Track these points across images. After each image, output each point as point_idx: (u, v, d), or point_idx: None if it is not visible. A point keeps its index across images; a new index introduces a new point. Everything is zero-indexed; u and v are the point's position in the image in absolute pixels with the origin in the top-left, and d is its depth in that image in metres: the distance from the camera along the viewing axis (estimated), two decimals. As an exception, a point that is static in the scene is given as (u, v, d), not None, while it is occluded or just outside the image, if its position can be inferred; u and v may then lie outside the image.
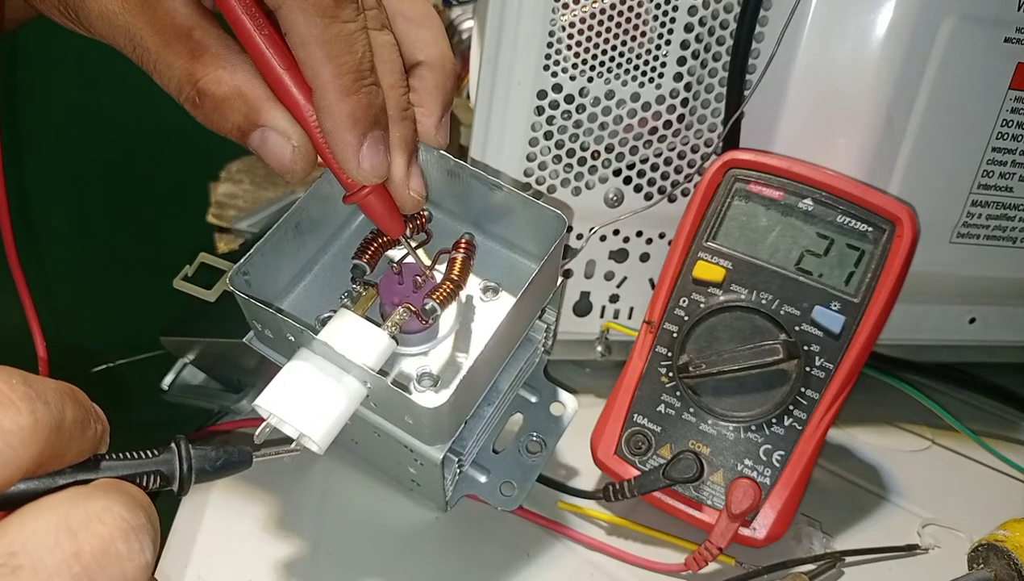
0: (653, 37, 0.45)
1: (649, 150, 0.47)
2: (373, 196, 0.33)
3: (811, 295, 0.40)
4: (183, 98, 0.31)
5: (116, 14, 0.31)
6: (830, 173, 0.42)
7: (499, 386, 0.38)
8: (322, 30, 0.29)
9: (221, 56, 0.31)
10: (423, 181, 0.35)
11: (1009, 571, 0.38)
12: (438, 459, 0.34)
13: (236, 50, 0.31)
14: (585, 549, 0.40)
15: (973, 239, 0.49)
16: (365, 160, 0.32)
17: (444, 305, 0.36)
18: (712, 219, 0.42)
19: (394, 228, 0.35)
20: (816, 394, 0.40)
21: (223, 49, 0.31)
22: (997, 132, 0.47)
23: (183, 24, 0.31)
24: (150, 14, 0.31)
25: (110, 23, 0.31)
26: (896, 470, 0.49)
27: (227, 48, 0.31)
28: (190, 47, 0.31)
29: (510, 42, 0.43)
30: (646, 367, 0.42)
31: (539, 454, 0.40)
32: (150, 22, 0.31)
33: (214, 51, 0.31)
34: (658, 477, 0.39)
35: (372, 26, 0.32)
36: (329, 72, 0.30)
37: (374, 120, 0.32)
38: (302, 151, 0.32)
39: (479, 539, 0.40)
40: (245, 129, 0.31)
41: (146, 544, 0.19)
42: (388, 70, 0.32)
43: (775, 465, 0.40)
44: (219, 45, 0.31)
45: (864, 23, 0.45)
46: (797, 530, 0.42)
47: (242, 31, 0.30)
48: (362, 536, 0.40)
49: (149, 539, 0.19)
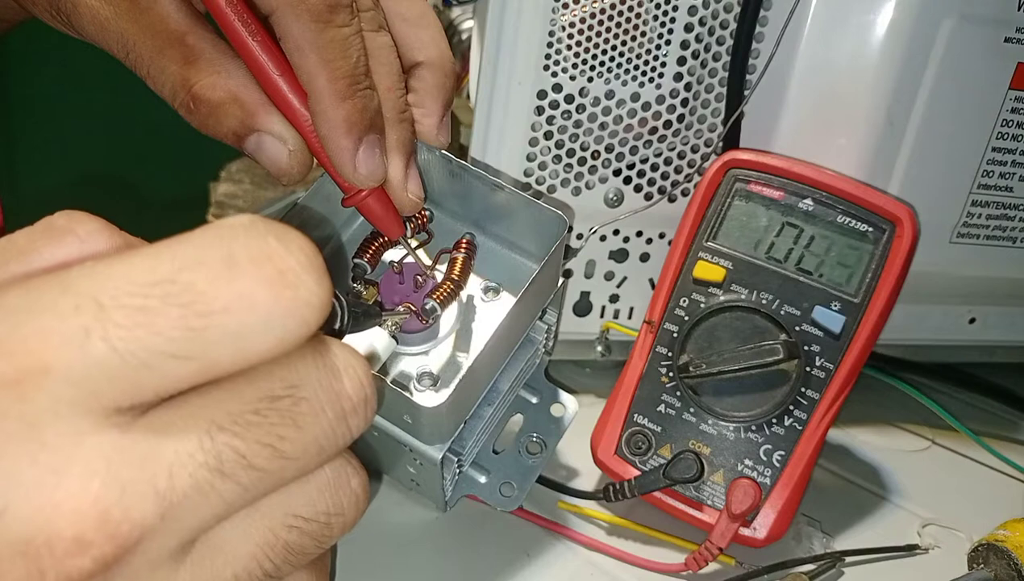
0: (653, 37, 0.45)
1: (649, 150, 0.47)
2: (371, 199, 0.33)
3: (811, 295, 0.40)
4: (177, 104, 0.32)
5: (108, 19, 0.31)
6: (830, 173, 0.42)
7: (499, 386, 0.38)
8: (316, 35, 0.30)
9: (215, 61, 0.31)
10: (421, 183, 0.35)
11: (1009, 571, 0.38)
12: (437, 459, 0.34)
13: (230, 55, 0.31)
14: (585, 549, 0.40)
15: (973, 239, 0.50)
16: (361, 164, 0.32)
17: (444, 305, 0.36)
18: (712, 219, 0.42)
19: (393, 230, 0.35)
20: (816, 394, 0.40)
21: (217, 54, 0.31)
22: (997, 132, 0.47)
23: (176, 29, 0.31)
24: (143, 19, 0.31)
25: (102, 28, 0.31)
26: (896, 470, 0.49)
27: (221, 53, 0.31)
28: (183, 52, 0.31)
29: (510, 42, 0.43)
30: (646, 367, 0.42)
31: (539, 455, 0.40)
32: (143, 27, 0.31)
33: (208, 56, 0.31)
34: (658, 477, 0.39)
35: (369, 28, 0.32)
36: (324, 77, 0.30)
37: (369, 124, 0.32)
38: (298, 155, 0.32)
39: (479, 539, 0.40)
40: (241, 134, 0.32)
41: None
42: (385, 72, 0.33)
43: (775, 465, 0.40)
44: (213, 50, 0.31)
45: (864, 23, 0.45)
46: (797, 530, 0.42)
47: (235, 36, 0.30)
48: (361, 536, 0.39)
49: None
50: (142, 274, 0.17)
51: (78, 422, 0.17)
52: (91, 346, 0.17)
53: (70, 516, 0.16)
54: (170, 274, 0.17)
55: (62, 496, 0.16)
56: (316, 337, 0.20)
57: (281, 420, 0.19)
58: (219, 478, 0.18)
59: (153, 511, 0.17)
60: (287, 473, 0.19)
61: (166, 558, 0.18)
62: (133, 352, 0.17)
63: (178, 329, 0.17)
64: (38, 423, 0.17)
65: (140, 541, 0.17)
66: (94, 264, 0.18)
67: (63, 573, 0.16)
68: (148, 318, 0.17)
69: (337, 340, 0.21)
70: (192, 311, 0.17)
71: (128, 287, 0.17)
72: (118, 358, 0.17)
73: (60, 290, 0.17)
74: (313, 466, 0.20)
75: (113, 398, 0.17)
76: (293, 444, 0.19)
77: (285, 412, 0.19)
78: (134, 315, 0.17)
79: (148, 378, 0.17)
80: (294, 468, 0.19)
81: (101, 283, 0.17)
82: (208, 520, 0.18)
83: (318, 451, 0.20)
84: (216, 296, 0.17)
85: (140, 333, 0.17)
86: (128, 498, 0.17)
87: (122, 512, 0.17)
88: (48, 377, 0.17)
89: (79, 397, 0.17)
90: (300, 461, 0.19)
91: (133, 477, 0.17)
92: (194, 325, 0.17)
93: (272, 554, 0.20)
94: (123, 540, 0.17)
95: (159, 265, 0.18)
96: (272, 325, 0.18)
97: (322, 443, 0.20)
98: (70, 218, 0.20)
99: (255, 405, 0.19)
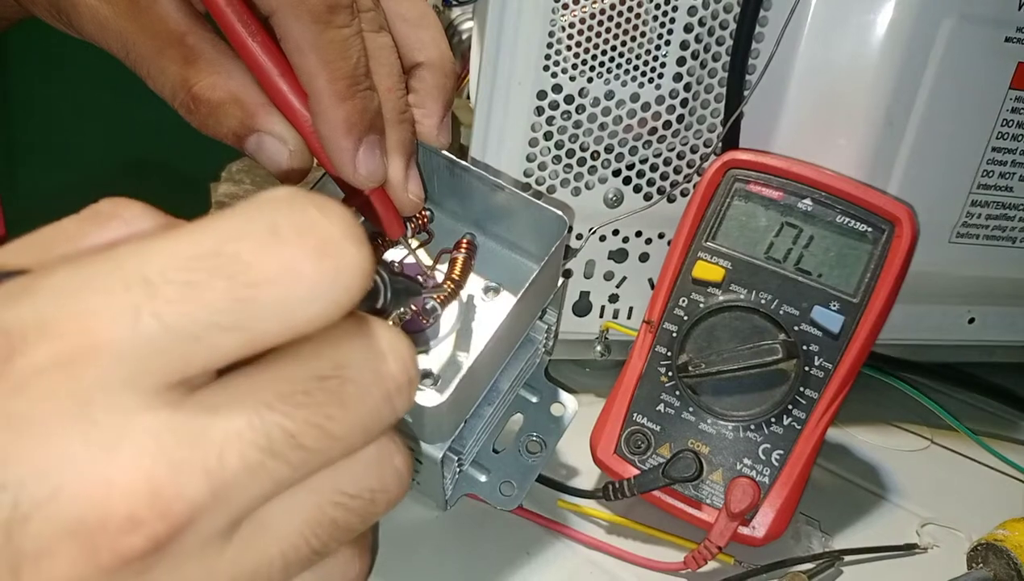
0: (653, 37, 0.45)
1: (649, 150, 0.47)
2: (371, 199, 0.33)
3: (810, 295, 0.40)
4: (177, 104, 0.32)
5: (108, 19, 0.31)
6: (830, 173, 0.42)
7: (499, 386, 0.38)
8: (316, 36, 0.30)
9: (215, 61, 0.31)
10: (421, 183, 0.35)
11: (1008, 570, 0.38)
12: (437, 458, 0.34)
13: (230, 55, 0.31)
14: (585, 548, 0.40)
15: (973, 239, 0.50)
16: (361, 165, 0.32)
17: (445, 305, 0.36)
18: (712, 219, 0.42)
19: (394, 229, 0.35)
20: (815, 394, 0.40)
21: (217, 54, 0.31)
22: (997, 132, 0.47)
23: (176, 29, 0.31)
24: (142, 19, 0.31)
25: (102, 28, 0.31)
26: (895, 470, 0.49)
27: (221, 53, 0.31)
28: (183, 53, 0.31)
29: (510, 42, 0.43)
30: (646, 367, 0.42)
31: (539, 454, 0.40)
32: (142, 28, 0.31)
33: (208, 56, 0.31)
34: (657, 476, 0.39)
35: (370, 28, 0.32)
36: (324, 78, 0.30)
37: (369, 125, 0.32)
38: (298, 155, 0.32)
39: (479, 538, 0.40)
40: (241, 134, 0.32)
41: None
42: (386, 73, 0.33)
43: (774, 464, 0.40)
44: (213, 50, 0.31)
45: (864, 23, 0.45)
46: (796, 529, 0.42)
47: (235, 37, 0.30)
48: (362, 535, 0.40)
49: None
50: (188, 249, 0.17)
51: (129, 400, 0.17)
52: (141, 323, 0.17)
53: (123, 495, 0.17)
54: (216, 247, 0.17)
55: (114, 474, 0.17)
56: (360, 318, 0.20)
57: (328, 400, 0.19)
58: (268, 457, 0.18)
59: (204, 490, 0.17)
60: (334, 452, 0.20)
61: (215, 537, 0.18)
62: (183, 326, 0.17)
63: (226, 300, 0.17)
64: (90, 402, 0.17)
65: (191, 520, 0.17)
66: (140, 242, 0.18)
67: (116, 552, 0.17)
68: (196, 292, 0.17)
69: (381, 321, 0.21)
70: (239, 282, 0.17)
71: (175, 262, 0.17)
72: (168, 333, 0.17)
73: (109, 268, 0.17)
74: (359, 445, 0.20)
75: (164, 375, 0.17)
76: (340, 424, 0.19)
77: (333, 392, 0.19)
78: (182, 290, 0.17)
79: (197, 352, 0.17)
80: (341, 447, 0.20)
81: (149, 260, 0.17)
82: (257, 499, 0.19)
83: (364, 431, 0.20)
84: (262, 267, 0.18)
85: (189, 307, 0.17)
86: (180, 476, 0.17)
87: (174, 490, 0.17)
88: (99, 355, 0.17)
89: (130, 375, 0.17)
90: (347, 440, 0.20)
91: (184, 455, 0.17)
92: (241, 296, 0.17)
93: (319, 531, 0.20)
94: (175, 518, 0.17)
95: (204, 239, 0.18)
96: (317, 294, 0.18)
97: (367, 423, 0.20)
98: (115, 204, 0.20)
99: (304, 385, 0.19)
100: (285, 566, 0.20)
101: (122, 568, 0.17)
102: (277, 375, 0.19)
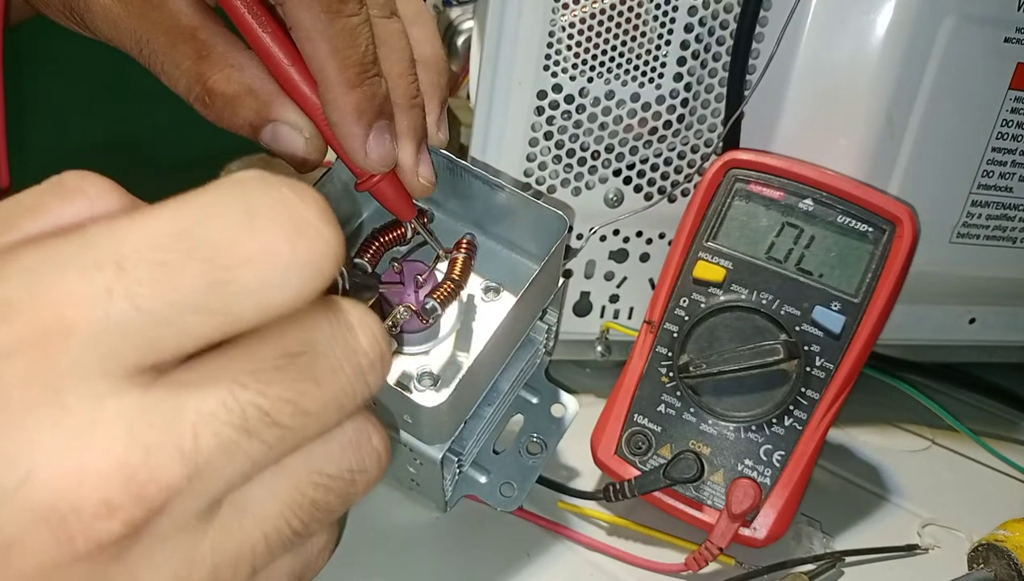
0: (653, 37, 0.45)
1: (649, 150, 0.47)
2: (383, 183, 0.34)
3: (811, 295, 0.40)
4: (192, 98, 0.32)
5: (121, 17, 0.31)
6: (830, 173, 0.42)
7: (500, 387, 0.38)
8: (326, 25, 0.30)
9: (228, 54, 0.31)
10: (432, 167, 0.35)
11: (1009, 571, 0.38)
12: (437, 458, 0.34)
13: (241, 47, 0.32)
14: (585, 549, 0.40)
15: (973, 239, 0.49)
16: (372, 150, 0.32)
17: (445, 305, 0.36)
18: (712, 219, 0.42)
19: (405, 212, 0.36)
20: (816, 394, 0.40)
21: (229, 47, 0.32)
22: (997, 132, 0.47)
23: (188, 24, 0.31)
24: (155, 16, 0.31)
25: (115, 26, 0.32)
26: (896, 470, 0.49)
27: (233, 46, 0.32)
28: (196, 47, 0.31)
29: (510, 42, 0.43)
30: (646, 367, 0.42)
31: (539, 455, 0.40)
32: (155, 24, 0.31)
33: (221, 49, 0.31)
34: (658, 477, 0.39)
35: (381, 14, 0.32)
36: (334, 66, 0.30)
37: (379, 111, 0.32)
38: (314, 142, 0.33)
39: (479, 539, 0.40)
40: (256, 125, 0.32)
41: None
42: (396, 59, 0.33)
43: (775, 465, 0.40)
44: (225, 43, 0.32)
45: (864, 23, 0.45)
46: (797, 530, 0.42)
47: (246, 29, 0.31)
48: (361, 536, 0.39)
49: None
50: (162, 230, 0.17)
51: (100, 384, 0.17)
52: (113, 306, 0.16)
53: (96, 480, 0.16)
54: (189, 228, 0.17)
55: (87, 460, 0.16)
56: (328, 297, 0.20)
57: (301, 376, 0.19)
58: (244, 436, 0.18)
59: (180, 472, 0.17)
60: (309, 430, 0.20)
61: (194, 519, 0.18)
62: (156, 310, 0.17)
63: (201, 283, 0.17)
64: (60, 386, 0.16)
65: (167, 503, 0.17)
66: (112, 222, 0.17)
67: (92, 537, 0.16)
68: (170, 274, 0.17)
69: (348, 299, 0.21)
70: (215, 265, 0.17)
71: (149, 243, 0.17)
72: (140, 316, 0.17)
73: (79, 249, 0.17)
74: (334, 423, 0.20)
75: (135, 358, 0.17)
76: (314, 400, 0.19)
77: (305, 368, 0.19)
78: (156, 272, 0.17)
79: (170, 335, 0.17)
80: (316, 425, 0.20)
81: (121, 241, 0.17)
82: (234, 480, 0.18)
83: (338, 407, 0.20)
84: (238, 248, 0.17)
85: (162, 290, 0.17)
86: (154, 459, 0.17)
87: (148, 474, 0.17)
88: (70, 339, 0.16)
89: (101, 358, 0.17)
90: (321, 417, 0.20)
91: (158, 438, 0.17)
92: (217, 278, 0.17)
93: (300, 512, 0.20)
94: (150, 502, 0.17)
95: (178, 220, 0.17)
96: (291, 276, 0.18)
97: (341, 399, 0.20)
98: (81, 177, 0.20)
99: (275, 362, 0.19)
100: (268, 549, 0.20)
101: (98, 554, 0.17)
102: (248, 354, 0.19)
